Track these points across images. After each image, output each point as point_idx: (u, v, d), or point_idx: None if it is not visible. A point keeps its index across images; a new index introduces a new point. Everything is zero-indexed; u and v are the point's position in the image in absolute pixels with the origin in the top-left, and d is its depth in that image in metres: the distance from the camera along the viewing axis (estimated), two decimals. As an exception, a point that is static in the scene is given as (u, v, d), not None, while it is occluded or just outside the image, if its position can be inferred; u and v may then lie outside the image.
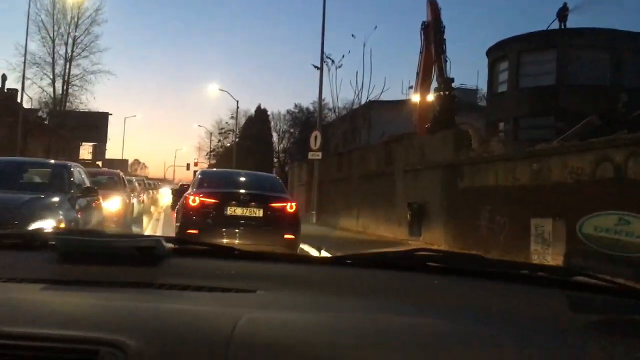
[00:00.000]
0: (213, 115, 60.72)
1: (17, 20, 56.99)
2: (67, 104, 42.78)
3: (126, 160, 54.14)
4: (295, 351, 0.79)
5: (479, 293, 1.09)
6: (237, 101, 33.76)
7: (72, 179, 6.78)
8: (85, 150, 42.87)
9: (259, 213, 7.17)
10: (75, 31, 38.68)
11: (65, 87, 41.88)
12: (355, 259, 1.29)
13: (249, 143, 37.10)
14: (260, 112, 41.15)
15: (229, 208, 7.16)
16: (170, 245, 1.26)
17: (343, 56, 22.10)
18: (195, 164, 47.93)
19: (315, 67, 17.06)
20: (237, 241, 6.54)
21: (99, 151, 53.33)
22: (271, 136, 40.86)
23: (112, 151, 52.33)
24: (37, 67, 38.65)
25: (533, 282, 1.13)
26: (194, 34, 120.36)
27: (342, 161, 16.47)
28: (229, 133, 45.71)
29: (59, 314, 0.94)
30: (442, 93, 15.01)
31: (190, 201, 7.24)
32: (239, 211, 7.19)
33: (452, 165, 10.26)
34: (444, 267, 1.20)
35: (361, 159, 14.78)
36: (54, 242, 1.24)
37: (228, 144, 47.23)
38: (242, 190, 7.53)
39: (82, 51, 39.20)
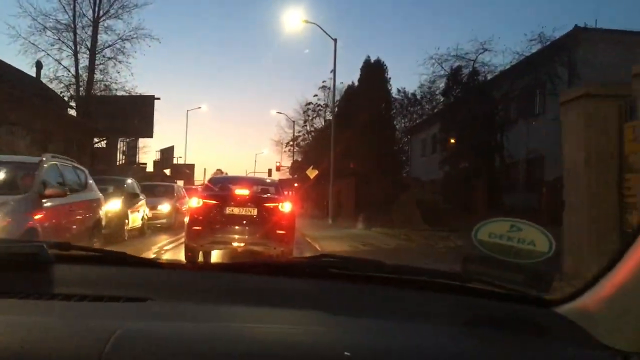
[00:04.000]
0: (296, 95, 45.58)
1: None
2: (96, 84, 33.38)
3: (192, 166, 52.84)
4: None
5: (377, 299, 1.22)
6: (335, 40, 23.58)
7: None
8: (148, 155, 40.61)
9: (254, 212, 8.28)
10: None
11: (91, 60, 32.53)
12: (258, 266, 1.39)
13: (354, 119, 27.00)
14: (371, 69, 29.89)
15: (227, 208, 8.31)
16: (55, 251, 1.29)
17: None
18: (278, 169, 42.85)
19: None
20: (235, 236, 7.96)
21: (167, 156, 49.10)
22: (390, 101, 30.84)
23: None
24: (54, 32, 30.71)
25: (432, 288, 1.29)
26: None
27: None
28: (320, 109, 29.59)
29: None
30: None
31: (195, 203, 8.68)
32: (236, 210, 8.29)
33: None
34: (346, 274, 1.33)
35: None
36: None
37: (319, 126, 29.92)
38: (240, 193, 8.77)
39: (111, 7, 31.02)
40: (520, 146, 19.37)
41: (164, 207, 15.99)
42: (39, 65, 29.33)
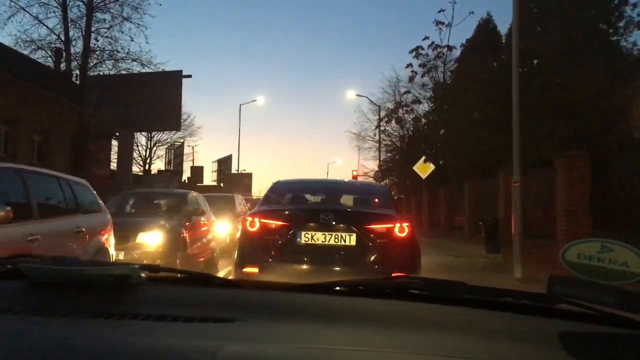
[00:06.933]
0: (381, 74, 32.73)
1: None
2: (97, 55, 24.06)
3: (250, 175, 42.62)
4: None
5: (461, 321, 1.27)
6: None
7: None
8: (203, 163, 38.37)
9: (351, 240, 5.21)
10: None
11: (88, 17, 22.83)
12: (338, 286, 1.49)
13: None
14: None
15: (304, 234, 5.32)
16: (146, 272, 1.43)
17: None
18: (355, 178, 30.63)
19: None
20: None
21: (225, 167, 40.48)
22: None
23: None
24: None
25: (517, 309, 1.34)
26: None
27: None
28: (440, 52, 14.84)
29: (23, 346, 1.02)
30: None
31: (248, 225, 5.61)
32: (319, 237, 5.27)
33: None
34: (427, 295, 1.41)
35: None
36: (25, 271, 1.41)
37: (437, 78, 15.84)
38: (324, 207, 5.91)
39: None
40: None
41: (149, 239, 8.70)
42: (58, 54, 23.02)
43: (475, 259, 12.70)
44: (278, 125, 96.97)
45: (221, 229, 12.71)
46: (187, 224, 9.44)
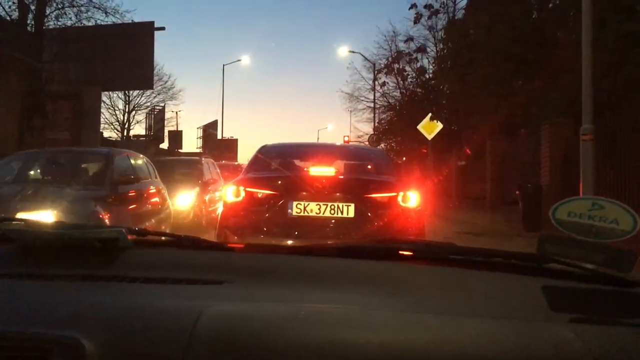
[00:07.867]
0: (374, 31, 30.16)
1: None
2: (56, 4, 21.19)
3: (235, 141, 41.65)
4: (260, 344, 0.93)
5: (450, 280, 1.34)
6: None
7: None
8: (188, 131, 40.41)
9: (349, 212, 4.79)
10: None
11: None
12: (327, 249, 1.58)
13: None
14: None
15: (295, 204, 4.87)
16: (133, 236, 1.50)
17: None
18: (347, 143, 28.63)
19: None
20: None
21: (210, 133, 39.37)
22: None
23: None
24: None
25: (506, 269, 1.42)
26: None
27: None
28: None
29: (12, 310, 1.06)
30: None
31: (232, 194, 5.13)
32: (312, 208, 4.79)
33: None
34: (416, 256, 1.50)
35: None
36: (12, 235, 1.50)
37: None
38: (318, 173, 5.15)
39: None
40: None
41: None
42: (23, 7, 20.09)
43: (508, 239, 9.62)
44: (265, 87, 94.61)
45: (181, 202, 10.36)
46: (110, 197, 6.86)
